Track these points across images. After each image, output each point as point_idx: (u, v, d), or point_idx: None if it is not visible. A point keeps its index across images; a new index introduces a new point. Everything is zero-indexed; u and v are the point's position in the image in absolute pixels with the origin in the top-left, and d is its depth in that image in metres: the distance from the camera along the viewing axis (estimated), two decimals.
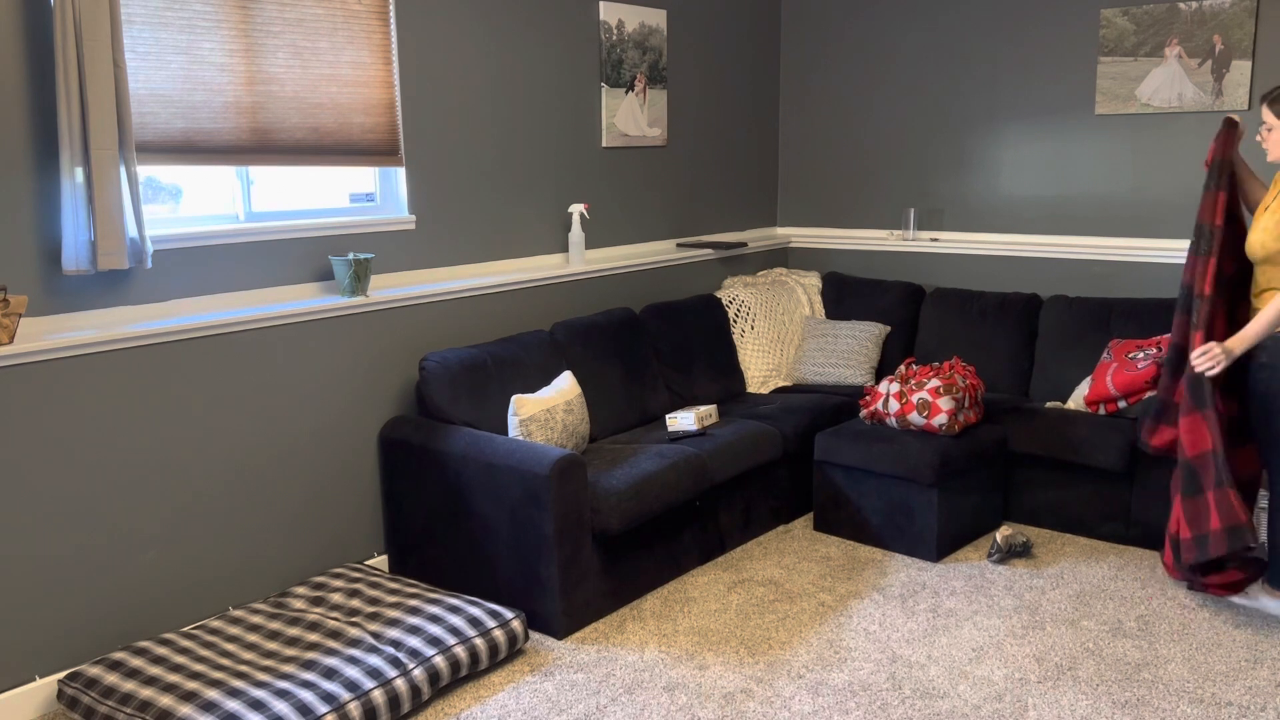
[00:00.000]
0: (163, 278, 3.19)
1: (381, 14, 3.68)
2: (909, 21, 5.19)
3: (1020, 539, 3.92)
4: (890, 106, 5.32)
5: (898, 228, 5.38)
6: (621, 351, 4.31)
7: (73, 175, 2.86)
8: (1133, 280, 4.70)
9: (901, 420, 4.04)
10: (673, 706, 2.95)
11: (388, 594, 3.30)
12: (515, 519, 3.34)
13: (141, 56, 3.06)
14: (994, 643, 3.29)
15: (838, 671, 3.12)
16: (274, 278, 3.47)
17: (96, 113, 2.85)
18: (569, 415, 3.68)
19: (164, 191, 3.38)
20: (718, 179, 5.34)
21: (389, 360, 3.76)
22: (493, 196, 4.17)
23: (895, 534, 4.00)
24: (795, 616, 3.48)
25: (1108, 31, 4.61)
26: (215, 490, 3.31)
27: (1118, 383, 4.10)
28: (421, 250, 3.93)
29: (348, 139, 3.63)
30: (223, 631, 3.14)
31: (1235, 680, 3.05)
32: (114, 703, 2.77)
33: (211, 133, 3.26)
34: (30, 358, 2.83)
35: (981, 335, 4.78)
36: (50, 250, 2.94)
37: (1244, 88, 4.34)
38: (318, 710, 2.68)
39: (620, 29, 4.62)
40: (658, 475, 3.55)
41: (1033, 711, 2.89)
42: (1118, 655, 3.20)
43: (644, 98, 4.80)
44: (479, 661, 3.07)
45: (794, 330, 5.07)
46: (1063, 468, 4.13)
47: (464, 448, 3.46)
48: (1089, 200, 4.79)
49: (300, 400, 3.50)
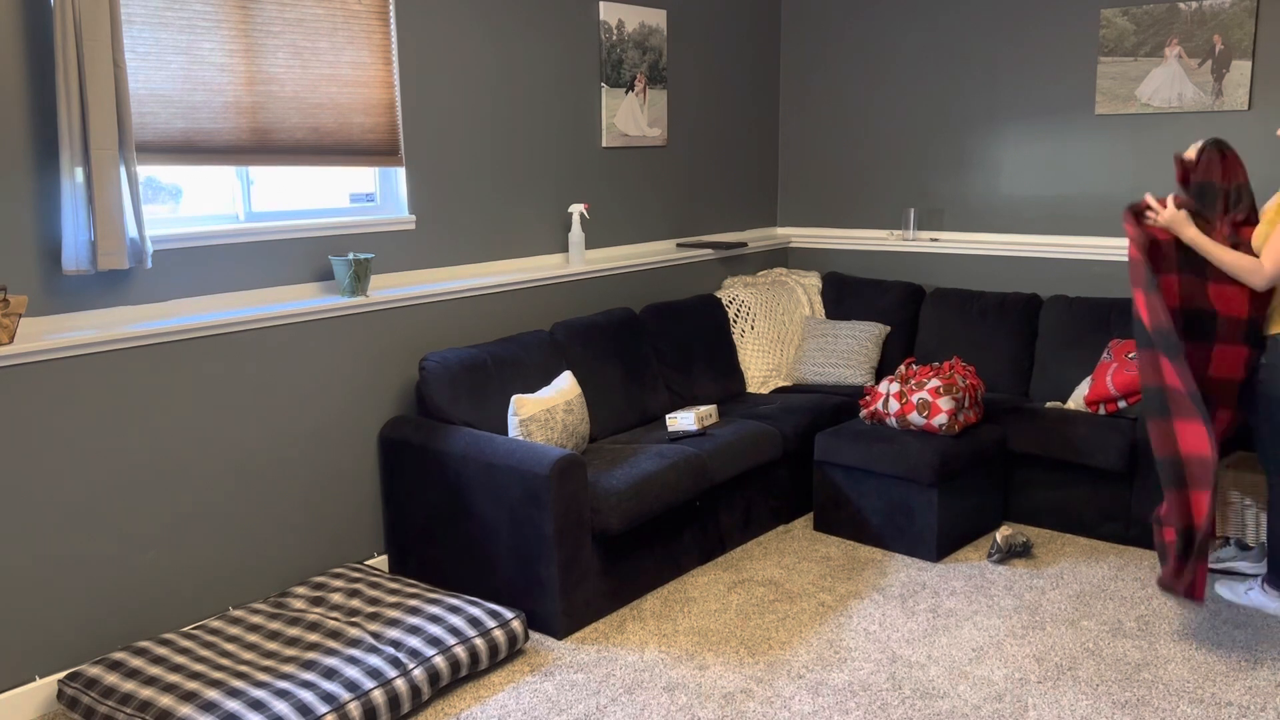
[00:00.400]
0: (163, 278, 3.19)
1: (381, 14, 3.68)
2: (909, 21, 5.19)
3: (1020, 539, 3.91)
4: (890, 106, 5.32)
5: (898, 228, 5.38)
6: (621, 351, 4.31)
7: (73, 175, 2.86)
8: None
9: (901, 420, 4.04)
10: (673, 706, 2.95)
11: (388, 594, 3.30)
12: (515, 519, 3.34)
13: (141, 56, 3.06)
14: (994, 643, 3.28)
15: (838, 671, 3.12)
16: (274, 278, 3.47)
17: (96, 113, 2.85)
18: (569, 415, 3.68)
19: (164, 191, 3.37)
20: (718, 179, 5.34)
21: (389, 360, 3.76)
22: (493, 196, 4.17)
23: (895, 534, 4.00)
24: (795, 616, 3.48)
25: (1108, 31, 4.61)
26: (215, 490, 3.31)
27: (1118, 383, 4.10)
28: (421, 250, 3.92)
29: (348, 139, 3.63)
30: (223, 631, 3.14)
31: (1235, 680, 3.05)
32: (114, 703, 2.77)
33: (211, 133, 3.25)
34: (30, 358, 2.83)
35: (981, 335, 4.78)
36: (50, 250, 2.94)
37: (1244, 88, 4.34)
38: (318, 710, 2.68)
39: (620, 29, 4.62)
40: (658, 475, 3.55)
41: (1033, 711, 2.89)
42: (1118, 655, 3.20)
43: (644, 98, 4.80)
44: (479, 661, 3.07)
45: (794, 330, 5.07)
46: (1063, 468, 4.13)
47: (464, 448, 3.46)
48: (1089, 200, 4.79)
49: (300, 400, 3.50)
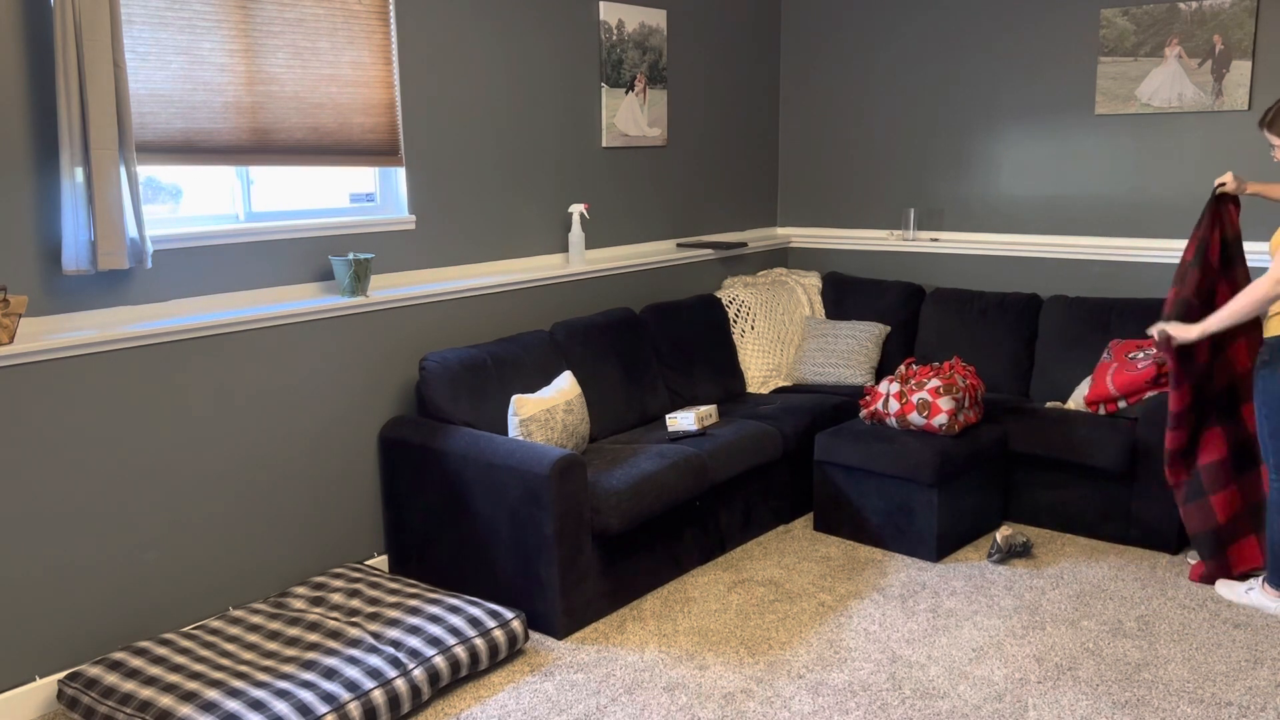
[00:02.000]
0: (163, 278, 3.19)
1: (381, 14, 3.68)
2: (909, 21, 5.19)
3: (1020, 539, 3.91)
4: (890, 106, 5.32)
5: (897, 228, 5.38)
6: (621, 351, 4.31)
7: (73, 175, 2.86)
8: (1133, 280, 4.70)
9: (901, 420, 4.04)
10: (673, 706, 2.95)
11: (388, 594, 3.30)
12: (515, 519, 3.34)
13: (141, 56, 3.06)
14: (994, 643, 3.28)
15: (838, 671, 3.12)
16: (274, 278, 3.47)
17: (96, 113, 2.85)
18: (569, 415, 3.68)
19: (164, 191, 3.37)
20: (718, 179, 5.34)
21: (389, 360, 3.76)
22: (493, 196, 4.17)
23: (895, 534, 4.00)
24: (795, 616, 3.48)
25: (1108, 31, 4.61)
26: (215, 490, 3.31)
27: (1118, 383, 4.10)
28: (422, 250, 3.92)
29: (348, 139, 3.63)
30: (223, 632, 3.14)
31: (1235, 680, 3.05)
32: (114, 703, 2.77)
33: (211, 133, 3.25)
34: (30, 358, 2.83)
35: (981, 335, 4.78)
36: (50, 250, 2.94)
37: (1244, 88, 4.34)
38: (318, 710, 2.68)
39: (620, 29, 4.62)
40: (658, 475, 3.55)
41: (1033, 711, 2.89)
42: (1118, 655, 3.20)
43: (644, 98, 4.80)
44: (479, 661, 3.07)
45: (794, 330, 5.07)
46: (1063, 468, 4.13)
47: (464, 448, 3.46)
48: (1089, 200, 4.79)
49: (300, 400, 3.50)
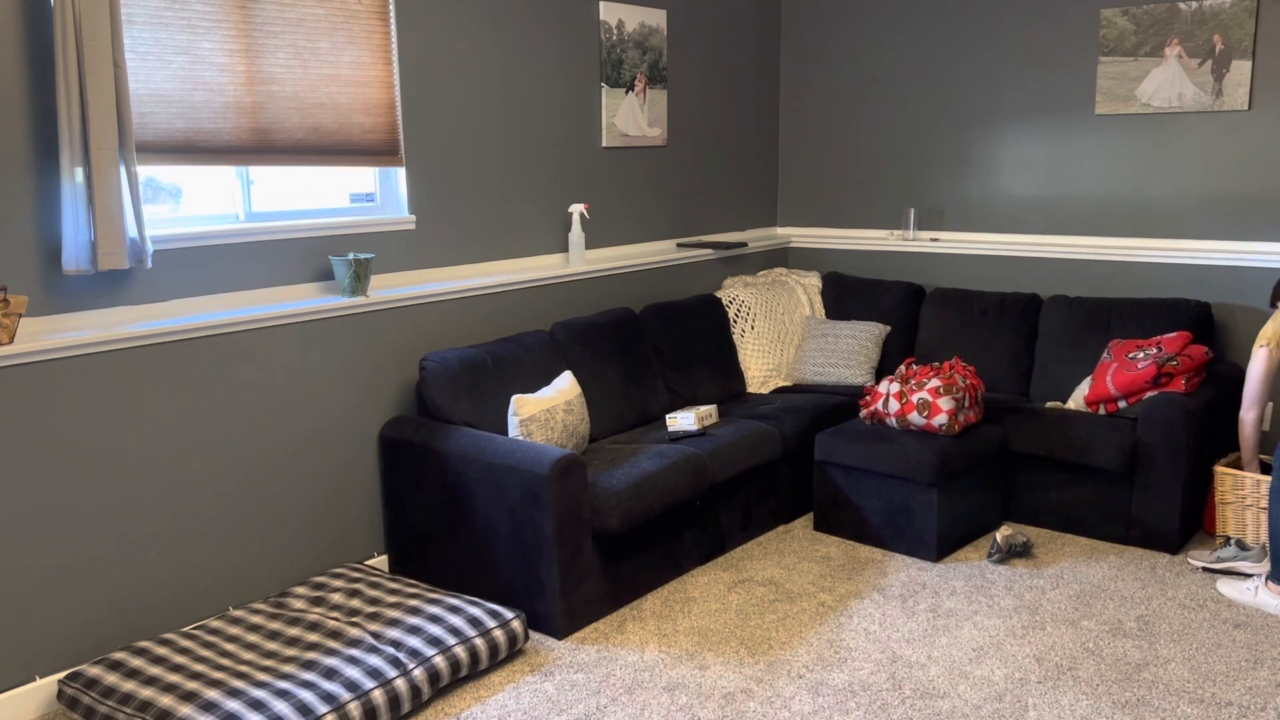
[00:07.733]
0: (163, 278, 3.19)
1: (381, 14, 3.68)
2: (909, 21, 5.19)
3: (1020, 539, 3.92)
4: (890, 106, 5.32)
5: (898, 228, 5.38)
6: (621, 351, 4.31)
7: (73, 175, 2.86)
8: (1133, 280, 4.70)
9: (901, 420, 4.04)
10: (673, 706, 2.95)
11: (388, 594, 3.30)
12: (515, 519, 3.34)
13: (141, 56, 3.06)
14: (994, 643, 3.28)
15: (838, 671, 3.12)
16: (274, 278, 3.47)
17: (96, 113, 2.85)
18: (569, 415, 3.68)
19: (164, 191, 3.37)
20: (718, 179, 5.34)
21: (389, 360, 3.76)
22: (493, 196, 4.17)
23: (895, 534, 4.00)
24: (795, 616, 3.48)
25: (1108, 31, 4.61)
26: (215, 490, 3.31)
27: (1118, 383, 4.10)
28: (421, 250, 3.92)
29: (348, 139, 3.63)
30: (223, 631, 3.14)
31: (1235, 680, 3.05)
32: (114, 703, 2.77)
33: (212, 133, 3.25)
34: (30, 358, 2.83)
35: (981, 335, 4.78)
36: (50, 250, 2.94)
37: (1244, 88, 4.34)
38: (318, 710, 2.68)
39: (620, 29, 4.62)
40: (658, 475, 3.55)
41: (1033, 711, 2.89)
42: (1118, 655, 3.20)
43: (644, 98, 4.80)
44: (479, 661, 3.07)
45: (794, 330, 5.07)
46: (1063, 468, 4.13)
47: (464, 448, 3.46)
48: (1089, 200, 4.79)
49: (300, 400, 3.50)
